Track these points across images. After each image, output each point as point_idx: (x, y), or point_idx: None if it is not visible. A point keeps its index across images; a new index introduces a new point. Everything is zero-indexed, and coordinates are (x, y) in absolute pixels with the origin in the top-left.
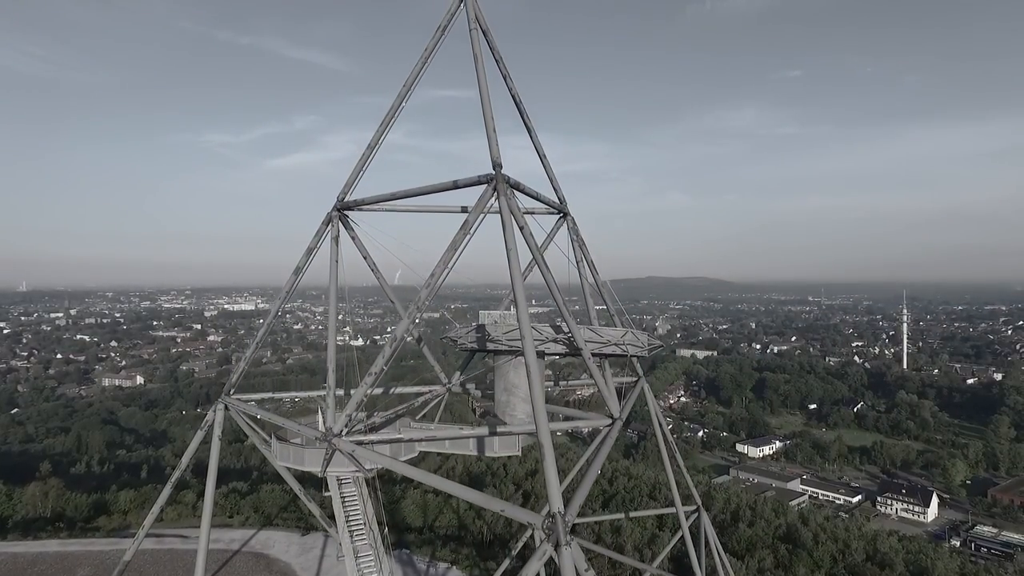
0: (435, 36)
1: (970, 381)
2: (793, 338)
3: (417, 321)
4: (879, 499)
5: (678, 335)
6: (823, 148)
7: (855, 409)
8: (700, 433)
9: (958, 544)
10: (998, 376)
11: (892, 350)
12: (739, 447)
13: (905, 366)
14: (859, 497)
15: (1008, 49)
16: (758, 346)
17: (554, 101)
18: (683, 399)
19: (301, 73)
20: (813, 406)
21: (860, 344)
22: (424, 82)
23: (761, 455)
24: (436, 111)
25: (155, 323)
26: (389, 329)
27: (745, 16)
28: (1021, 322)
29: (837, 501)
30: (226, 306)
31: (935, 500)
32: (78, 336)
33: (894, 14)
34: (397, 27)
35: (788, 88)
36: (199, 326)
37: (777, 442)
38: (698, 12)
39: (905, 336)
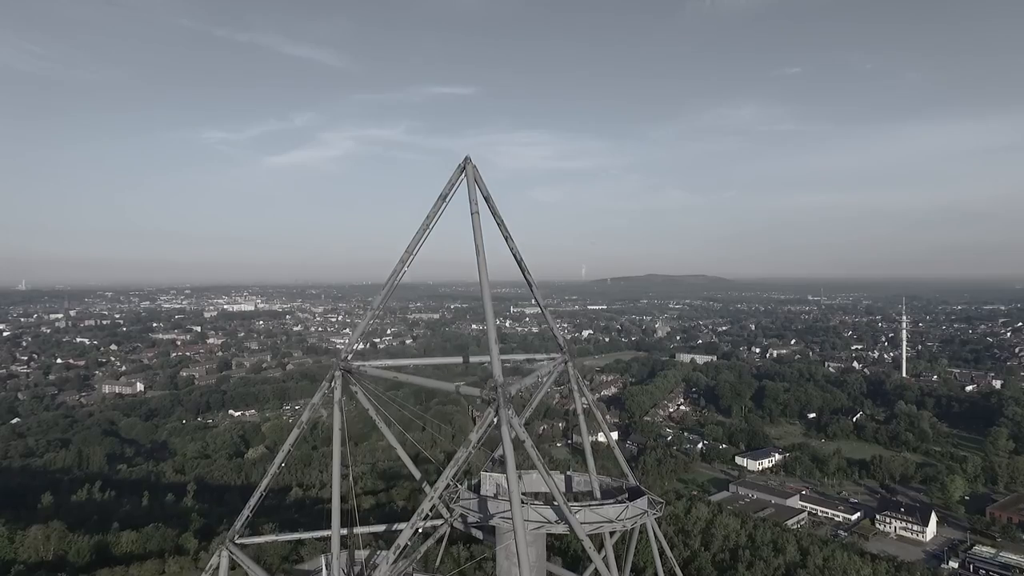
0: (436, 204)
1: (969, 388)
2: (793, 341)
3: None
4: (878, 517)
5: (677, 337)
6: (822, 145)
7: (854, 419)
8: (700, 445)
9: (956, 566)
10: (997, 383)
11: (891, 354)
12: (738, 459)
13: (904, 373)
14: (858, 514)
15: (1010, 45)
16: (757, 349)
17: (553, 99)
18: (682, 407)
19: (300, 70)
20: (812, 415)
21: (859, 347)
22: (424, 78)
23: (760, 468)
24: (436, 109)
25: (155, 325)
26: (389, 332)
27: (744, 13)
28: (1020, 323)
29: (836, 518)
30: (225, 306)
31: (933, 518)
32: (78, 339)
33: (895, 10)
34: (395, 24)
35: (787, 85)
36: (199, 328)
37: (776, 455)
38: (698, 9)
39: (904, 341)
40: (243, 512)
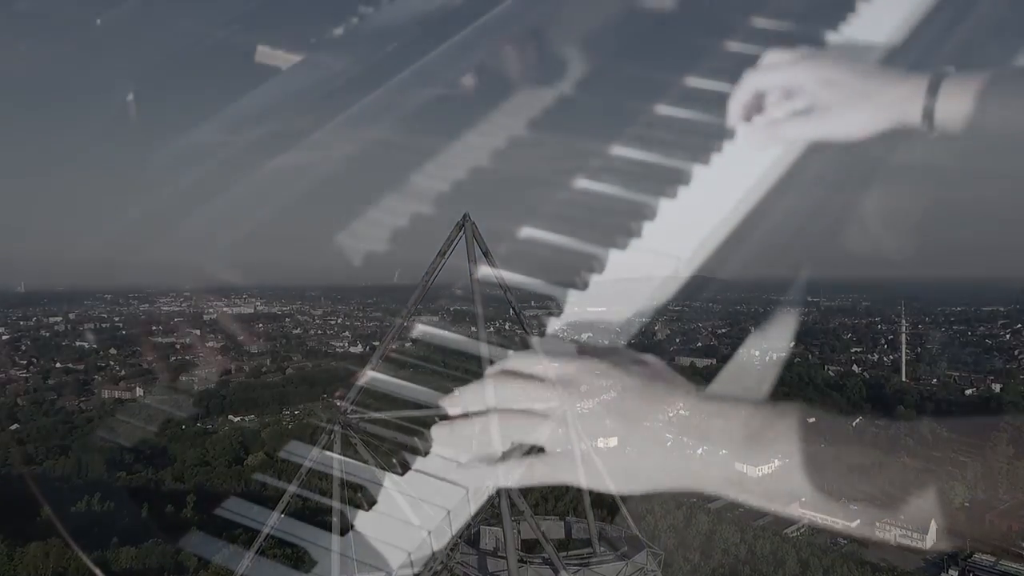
0: (435, 261)
1: (968, 392)
2: (792, 343)
3: None
4: (877, 524)
5: (676, 340)
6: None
7: (854, 424)
8: (699, 451)
9: (956, 574)
10: (996, 387)
11: (891, 357)
12: (737, 465)
13: (904, 377)
14: (858, 521)
15: (1010, 44)
16: (757, 352)
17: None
18: (682, 411)
19: (300, 70)
20: (812, 420)
21: (859, 350)
22: (424, 77)
23: (760, 474)
24: (436, 109)
25: (154, 328)
26: None
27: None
28: (1019, 325)
29: (836, 526)
30: (225, 309)
31: (933, 525)
32: (77, 343)
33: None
34: (395, 24)
35: None
36: (198, 331)
37: (776, 460)
38: (697, 9)
39: (903, 345)
40: (243, 561)
